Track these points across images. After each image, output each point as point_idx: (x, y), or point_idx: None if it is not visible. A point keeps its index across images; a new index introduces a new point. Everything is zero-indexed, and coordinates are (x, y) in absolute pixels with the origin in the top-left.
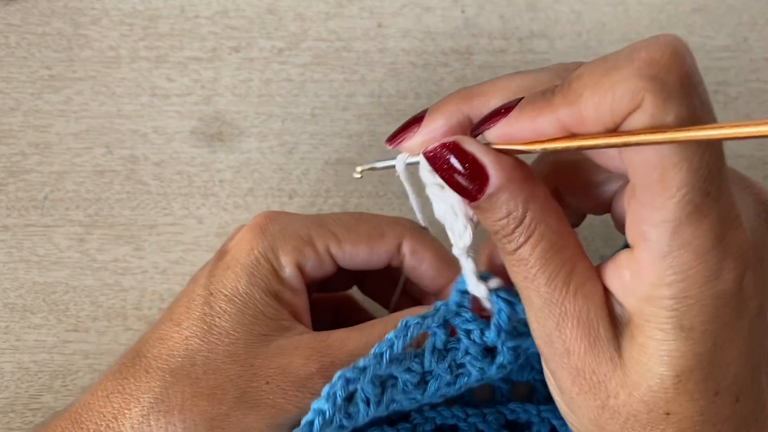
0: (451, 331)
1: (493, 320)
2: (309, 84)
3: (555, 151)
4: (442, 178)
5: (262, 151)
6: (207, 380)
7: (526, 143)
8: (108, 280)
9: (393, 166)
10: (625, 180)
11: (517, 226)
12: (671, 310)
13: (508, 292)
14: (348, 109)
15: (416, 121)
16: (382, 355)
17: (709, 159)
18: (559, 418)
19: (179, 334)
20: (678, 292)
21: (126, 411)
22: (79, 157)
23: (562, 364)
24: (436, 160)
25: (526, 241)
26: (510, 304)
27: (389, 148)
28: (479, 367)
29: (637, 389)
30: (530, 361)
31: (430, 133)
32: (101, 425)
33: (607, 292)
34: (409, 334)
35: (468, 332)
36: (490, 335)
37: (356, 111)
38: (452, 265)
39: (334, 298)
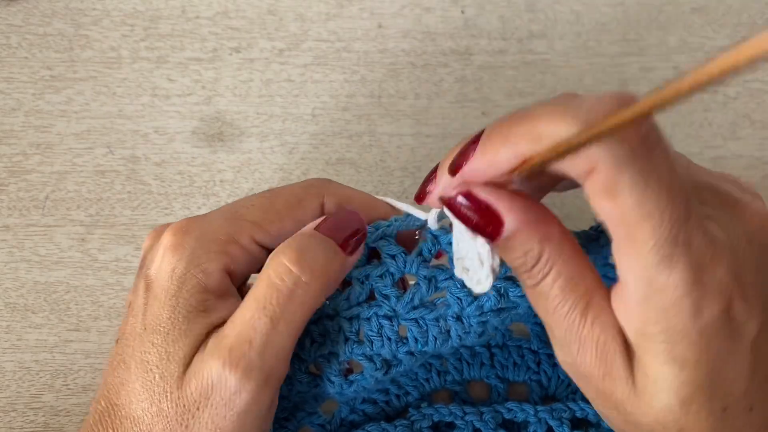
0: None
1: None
2: (309, 84)
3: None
4: (462, 222)
5: (262, 151)
6: (157, 424)
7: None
8: (109, 279)
9: (425, 222)
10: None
11: (534, 264)
12: (662, 344)
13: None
14: (348, 109)
15: (433, 176)
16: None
17: (673, 211)
18: (556, 418)
19: (129, 381)
20: (665, 330)
21: None
22: (80, 157)
23: (585, 386)
24: (453, 207)
25: (544, 277)
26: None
27: (418, 205)
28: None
29: (650, 411)
30: (526, 361)
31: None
32: None
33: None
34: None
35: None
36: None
37: (356, 111)
38: (377, 200)
39: None
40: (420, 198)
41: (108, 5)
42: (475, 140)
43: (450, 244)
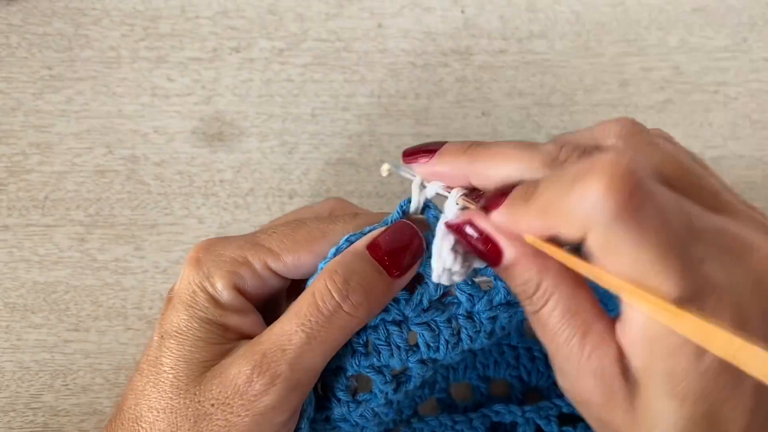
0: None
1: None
2: (309, 84)
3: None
4: (468, 247)
5: (262, 151)
6: (162, 421)
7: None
8: (108, 279)
9: (413, 178)
10: None
11: (534, 293)
12: (665, 382)
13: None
14: (348, 109)
15: (429, 152)
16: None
17: (669, 263)
18: (543, 417)
19: (140, 382)
20: (668, 369)
21: None
22: (80, 157)
23: (585, 412)
24: (459, 233)
25: (543, 305)
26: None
27: (401, 163)
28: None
29: None
30: (506, 358)
31: (434, 174)
32: None
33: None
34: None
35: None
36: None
37: (356, 111)
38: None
39: None
40: (408, 157)
41: (108, 5)
42: (502, 194)
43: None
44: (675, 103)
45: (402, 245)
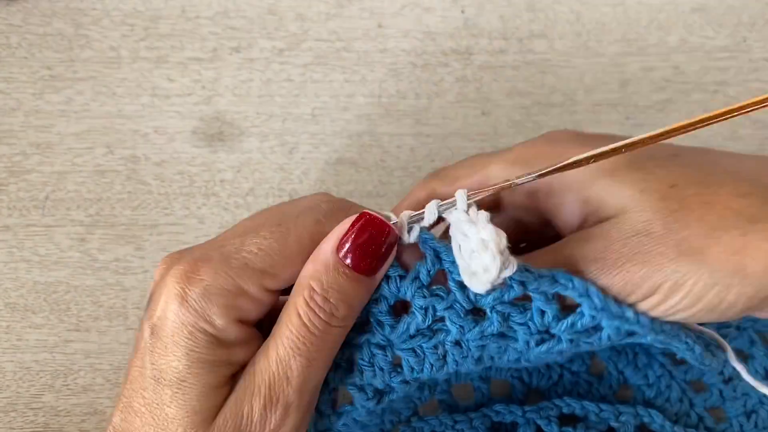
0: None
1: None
2: (309, 84)
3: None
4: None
5: (262, 151)
6: None
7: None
8: (109, 279)
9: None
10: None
11: None
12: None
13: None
14: (348, 109)
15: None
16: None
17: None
18: (544, 417)
19: (140, 422)
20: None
21: None
22: (80, 157)
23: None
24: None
25: None
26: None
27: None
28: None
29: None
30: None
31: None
32: None
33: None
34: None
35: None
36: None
37: (356, 111)
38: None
39: None
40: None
41: (108, 5)
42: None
43: (453, 262)
44: (675, 103)
45: (371, 240)
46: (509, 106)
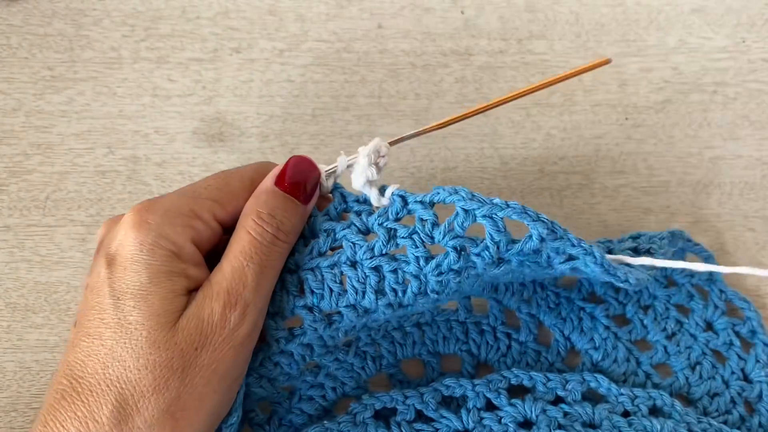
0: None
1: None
2: (309, 85)
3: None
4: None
5: (263, 152)
6: (146, 377)
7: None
8: None
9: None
10: None
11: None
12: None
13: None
14: (348, 109)
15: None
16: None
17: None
18: (493, 390)
19: (104, 346)
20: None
21: None
22: (81, 157)
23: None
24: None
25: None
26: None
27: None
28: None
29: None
30: (455, 333)
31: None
32: None
33: None
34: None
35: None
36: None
37: (356, 111)
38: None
39: None
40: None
41: (108, 5)
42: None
43: (355, 201)
44: (674, 104)
45: (302, 174)
46: (509, 107)
